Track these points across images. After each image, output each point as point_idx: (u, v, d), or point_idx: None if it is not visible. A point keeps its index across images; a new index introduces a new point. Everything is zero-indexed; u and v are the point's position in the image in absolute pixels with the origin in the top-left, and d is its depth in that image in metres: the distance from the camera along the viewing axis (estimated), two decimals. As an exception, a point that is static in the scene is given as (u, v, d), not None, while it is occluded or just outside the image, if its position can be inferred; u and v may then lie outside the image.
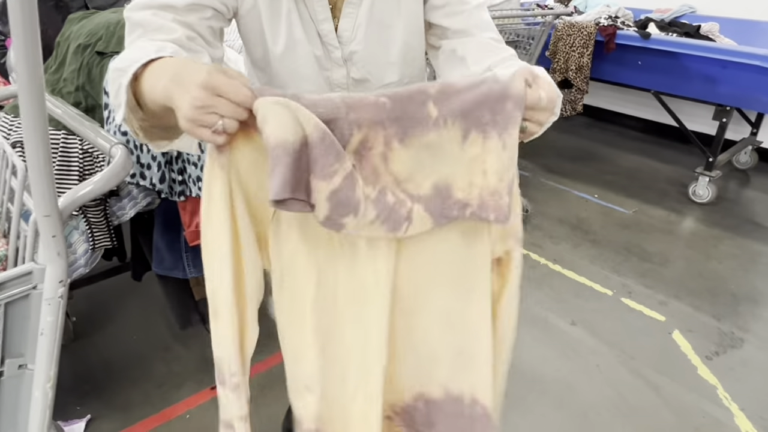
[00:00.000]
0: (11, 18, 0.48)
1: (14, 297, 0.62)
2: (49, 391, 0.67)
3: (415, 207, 0.68)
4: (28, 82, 0.51)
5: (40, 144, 0.55)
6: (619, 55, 2.94)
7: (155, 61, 0.63)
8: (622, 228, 2.73)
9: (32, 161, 0.55)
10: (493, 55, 0.89)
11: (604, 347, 1.94)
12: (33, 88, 0.52)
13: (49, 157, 0.56)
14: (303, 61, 0.91)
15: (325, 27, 0.89)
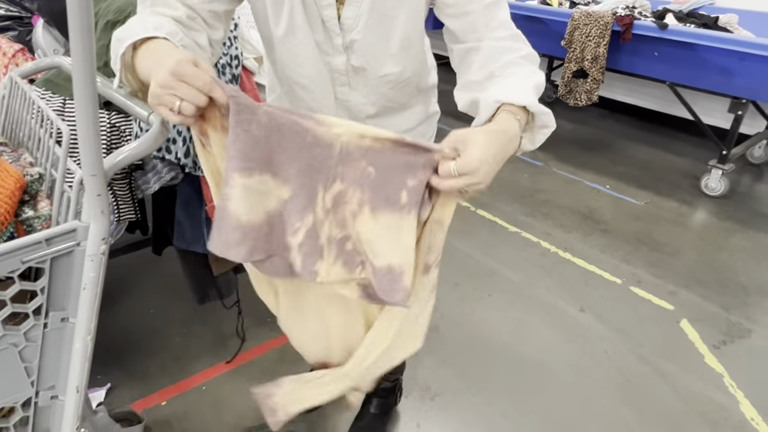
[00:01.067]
0: None
1: (60, 253, 0.66)
2: (89, 343, 0.71)
3: (367, 266, 0.76)
4: (81, 48, 0.54)
5: (90, 108, 0.58)
6: (635, 45, 2.93)
7: (150, 40, 0.70)
8: (634, 219, 2.74)
9: (82, 124, 0.59)
10: (498, 59, 0.86)
11: (612, 334, 1.96)
12: (85, 55, 0.55)
13: (97, 120, 0.60)
14: (303, 46, 0.93)
15: (328, 13, 0.90)
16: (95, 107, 0.59)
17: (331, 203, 0.73)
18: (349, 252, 0.75)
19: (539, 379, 1.76)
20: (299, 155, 0.69)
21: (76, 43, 0.54)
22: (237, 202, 0.66)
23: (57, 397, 0.74)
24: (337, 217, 0.74)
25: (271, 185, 0.70)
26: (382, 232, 0.73)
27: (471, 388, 1.72)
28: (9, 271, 0.63)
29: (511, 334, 1.95)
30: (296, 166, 0.69)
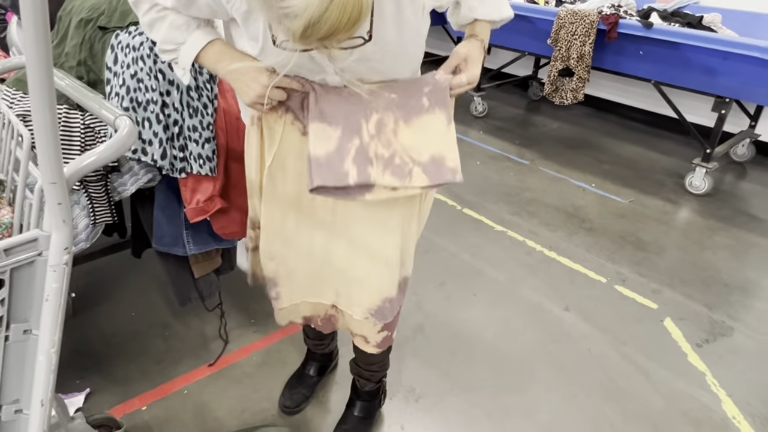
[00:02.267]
0: None
1: (20, 263, 0.63)
2: (53, 356, 0.69)
3: (414, 168, 0.96)
4: (36, 49, 0.52)
5: (48, 112, 0.56)
6: (620, 44, 2.94)
7: (207, 46, 0.93)
8: (618, 217, 2.75)
9: (39, 129, 0.57)
10: None
11: (596, 333, 1.97)
12: (41, 56, 0.53)
13: (56, 125, 0.58)
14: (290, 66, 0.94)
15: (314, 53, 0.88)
16: (53, 110, 0.56)
17: (374, 130, 0.95)
18: (398, 165, 0.96)
19: (523, 378, 1.76)
20: (342, 104, 0.94)
21: (31, 41, 0.52)
22: (313, 143, 0.94)
23: (21, 411, 0.72)
24: (382, 139, 0.95)
25: (328, 131, 0.94)
26: (417, 134, 0.96)
27: (455, 388, 1.71)
28: (-34, 282, 0.60)
29: (496, 334, 1.95)
30: (342, 111, 0.94)
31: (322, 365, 1.68)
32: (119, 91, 1.17)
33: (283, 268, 1.20)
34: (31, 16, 0.50)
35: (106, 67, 1.20)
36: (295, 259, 1.18)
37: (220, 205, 1.33)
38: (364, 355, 1.45)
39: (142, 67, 1.17)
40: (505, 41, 3.63)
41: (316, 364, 1.67)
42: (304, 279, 1.21)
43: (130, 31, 1.18)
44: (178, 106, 1.20)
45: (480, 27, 1.07)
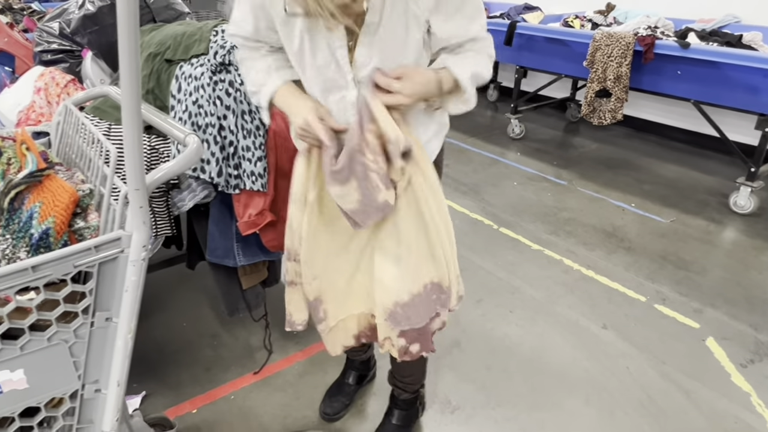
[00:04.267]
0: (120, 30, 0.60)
1: (106, 258, 0.74)
2: (129, 341, 0.79)
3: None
4: (129, 80, 0.63)
5: (136, 131, 0.67)
6: (658, 65, 2.95)
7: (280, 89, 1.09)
8: (659, 237, 2.73)
9: (128, 144, 0.68)
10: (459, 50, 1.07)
11: (634, 351, 1.95)
12: (133, 85, 0.64)
13: (141, 142, 0.69)
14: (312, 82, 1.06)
15: (341, 53, 0.99)
16: (140, 130, 0.67)
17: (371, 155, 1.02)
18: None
19: (560, 395, 1.77)
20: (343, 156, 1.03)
21: (125, 76, 0.63)
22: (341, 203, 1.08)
23: (100, 390, 0.82)
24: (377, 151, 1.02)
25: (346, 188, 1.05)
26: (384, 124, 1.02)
27: (491, 402, 1.74)
28: (63, 274, 0.71)
29: (533, 350, 1.96)
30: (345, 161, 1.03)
31: (360, 374, 1.74)
32: (182, 116, 1.30)
33: (326, 283, 1.24)
34: (127, 53, 0.61)
35: (170, 95, 1.34)
36: (335, 273, 1.24)
37: (270, 219, 1.44)
38: (398, 366, 1.51)
39: (203, 95, 1.30)
40: (541, 64, 3.69)
41: (355, 372, 1.74)
42: (344, 291, 1.27)
43: (192, 63, 1.33)
44: (233, 129, 1.32)
45: (446, 73, 1.04)
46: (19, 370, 0.74)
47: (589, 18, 3.55)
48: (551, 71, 3.65)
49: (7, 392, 0.74)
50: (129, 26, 0.59)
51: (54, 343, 0.75)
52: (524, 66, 3.84)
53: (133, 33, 0.60)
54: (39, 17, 3.24)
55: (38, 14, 3.47)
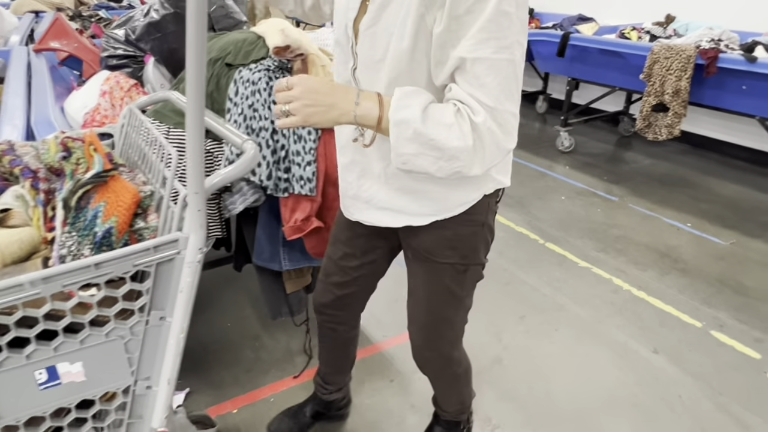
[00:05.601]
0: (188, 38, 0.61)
1: (164, 259, 0.76)
2: (181, 340, 0.81)
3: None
4: (194, 84, 0.65)
5: (199, 136, 0.69)
6: (720, 79, 2.82)
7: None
8: (717, 259, 2.59)
9: (190, 149, 0.69)
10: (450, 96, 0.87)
11: (688, 379, 1.86)
12: (197, 90, 0.66)
13: (202, 147, 0.70)
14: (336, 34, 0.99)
15: (350, 16, 0.92)
16: (202, 136, 0.69)
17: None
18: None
19: (606, 420, 1.70)
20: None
21: (191, 82, 0.65)
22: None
23: (151, 387, 0.84)
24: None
25: None
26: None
27: (533, 423, 1.69)
28: (123, 272, 0.74)
29: (578, 371, 1.90)
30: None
31: (317, 410, 1.63)
32: (237, 119, 1.33)
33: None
34: (193, 61, 0.63)
35: (228, 99, 1.38)
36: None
37: (316, 225, 1.45)
38: (437, 394, 1.47)
39: (258, 99, 1.33)
40: (595, 76, 3.60)
41: (314, 407, 1.63)
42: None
43: (251, 68, 1.36)
44: (285, 133, 1.35)
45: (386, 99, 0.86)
46: (78, 363, 0.77)
47: (647, 30, 3.43)
48: (605, 84, 3.55)
49: (66, 384, 0.77)
50: (197, 34, 0.61)
51: (111, 339, 0.77)
52: (576, 78, 3.75)
53: (201, 41, 0.62)
54: (106, 24, 3.41)
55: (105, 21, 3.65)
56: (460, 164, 0.85)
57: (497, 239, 2.76)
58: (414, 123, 0.82)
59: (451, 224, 1.05)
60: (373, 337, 2.07)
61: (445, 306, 1.18)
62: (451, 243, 1.08)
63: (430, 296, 1.17)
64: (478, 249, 1.11)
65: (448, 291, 1.14)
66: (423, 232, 1.08)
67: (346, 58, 0.96)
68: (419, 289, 1.18)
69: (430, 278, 1.14)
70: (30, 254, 0.82)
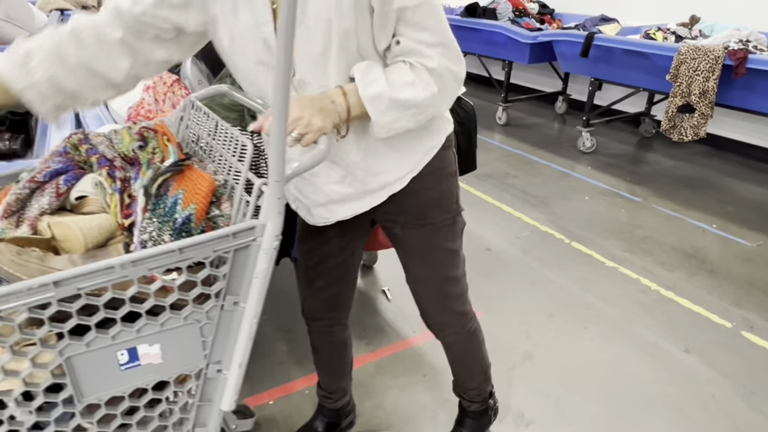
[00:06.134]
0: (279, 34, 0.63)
1: (241, 245, 0.78)
2: (254, 325, 0.83)
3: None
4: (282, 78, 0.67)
5: (282, 127, 0.71)
6: (749, 80, 2.81)
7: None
8: (744, 261, 2.58)
9: (274, 139, 0.72)
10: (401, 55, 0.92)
11: (720, 379, 1.86)
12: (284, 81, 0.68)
13: (285, 138, 0.73)
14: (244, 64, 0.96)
15: (267, 30, 0.90)
16: (286, 127, 0.71)
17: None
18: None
19: (640, 418, 1.70)
20: None
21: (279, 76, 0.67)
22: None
23: (221, 371, 0.86)
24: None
25: None
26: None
27: (565, 419, 1.70)
28: (204, 257, 0.76)
29: (609, 369, 1.90)
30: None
31: (330, 421, 1.59)
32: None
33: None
34: (282, 56, 0.65)
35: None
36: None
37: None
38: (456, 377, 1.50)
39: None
40: (619, 77, 3.59)
41: (325, 419, 1.59)
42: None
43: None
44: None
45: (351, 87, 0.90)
46: (156, 345, 0.79)
47: (672, 30, 3.42)
48: (629, 84, 3.55)
49: (145, 365, 0.80)
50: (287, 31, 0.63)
51: (188, 323, 0.80)
52: (600, 78, 3.75)
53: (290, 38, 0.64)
54: None
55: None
56: (433, 109, 0.95)
57: (522, 238, 2.78)
58: (386, 93, 0.89)
59: (431, 183, 1.12)
60: (402, 332, 2.09)
61: (446, 265, 1.23)
62: (437, 201, 1.15)
63: (431, 262, 1.21)
64: (457, 198, 1.20)
65: (445, 250, 1.20)
66: (409, 200, 1.13)
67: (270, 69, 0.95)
68: (417, 260, 1.22)
69: (425, 245, 1.19)
70: (107, 240, 0.85)
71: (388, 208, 1.14)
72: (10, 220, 0.86)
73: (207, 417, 0.90)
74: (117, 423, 0.81)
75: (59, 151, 0.91)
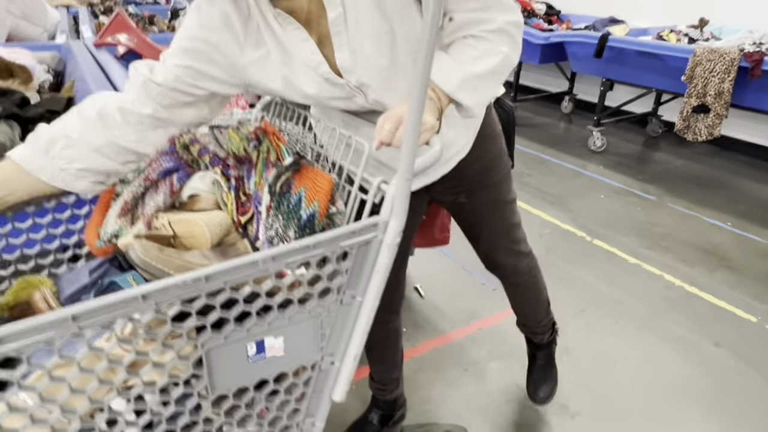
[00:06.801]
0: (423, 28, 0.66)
1: (364, 242, 0.81)
2: (371, 318, 0.86)
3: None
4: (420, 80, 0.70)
5: (416, 126, 0.74)
6: (764, 82, 2.89)
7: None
8: (761, 257, 2.66)
9: (408, 137, 0.75)
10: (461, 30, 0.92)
11: (751, 371, 1.92)
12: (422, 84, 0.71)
13: (418, 137, 0.76)
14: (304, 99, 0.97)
15: (324, 70, 0.91)
16: (419, 126, 0.74)
17: None
18: None
19: (678, 409, 1.76)
20: None
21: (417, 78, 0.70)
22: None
23: (334, 363, 0.89)
24: None
25: None
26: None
27: (609, 411, 1.75)
28: (331, 252, 0.79)
29: (644, 362, 1.96)
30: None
31: (384, 413, 1.63)
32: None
33: None
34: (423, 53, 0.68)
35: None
36: None
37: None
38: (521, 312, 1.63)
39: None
40: (631, 77, 3.66)
41: (379, 412, 1.62)
42: None
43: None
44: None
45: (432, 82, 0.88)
46: (280, 338, 0.82)
47: (685, 32, 3.50)
48: (641, 85, 3.62)
49: (269, 357, 0.82)
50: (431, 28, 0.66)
51: (312, 316, 0.82)
52: (612, 79, 3.82)
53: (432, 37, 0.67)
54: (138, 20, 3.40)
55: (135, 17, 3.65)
56: (510, 66, 0.94)
57: (544, 235, 2.83)
58: (468, 76, 0.89)
59: (487, 146, 1.21)
60: (439, 327, 2.13)
61: (510, 214, 1.35)
62: (495, 161, 1.24)
63: (497, 216, 1.33)
64: (506, 151, 1.30)
65: (507, 202, 1.32)
66: (470, 167, 1.19)
67: (349, 102, 0.96)
68: (487, 218, 1.32)
69: (491, 203, 1.29)
70: (224, 237, 0.87)
71: (449, 179, 1.19)
72: (126, 218, 0.88)
73: (316, 408, 0.92)
74: (241, 414, 0.84)
75: (166, 150, 0.93)
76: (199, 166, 0.94)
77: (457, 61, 0.89)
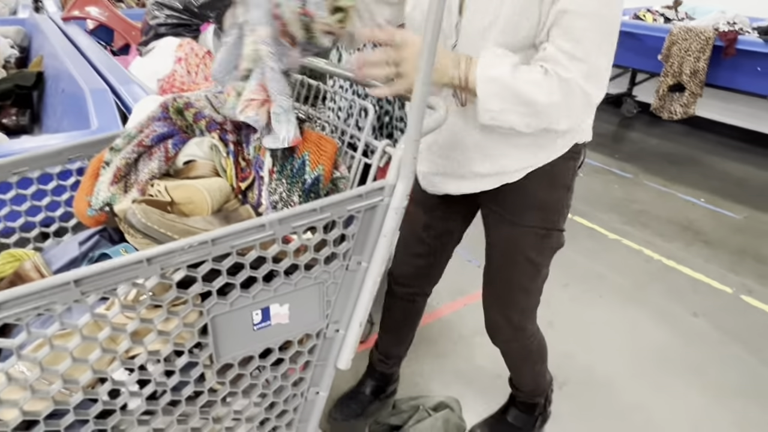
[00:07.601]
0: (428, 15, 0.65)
1: (371, 205, 0.80)
2: (377, 284, 0.85)
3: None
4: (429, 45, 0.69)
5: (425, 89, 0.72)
6: (737, 60, 2.96)
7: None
8: (735, 231, 2.75)
9: (416, 99, 0.73)
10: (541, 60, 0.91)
11: (729, 339, 1.99)
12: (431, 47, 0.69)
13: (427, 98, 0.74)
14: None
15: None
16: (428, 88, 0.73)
17: None
18: None
19: (663, 378, 1.81)
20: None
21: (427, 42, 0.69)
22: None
23: (339, 330, 0.88)
24: None
25: None
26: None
27: (595, 379, 1.79)
28: (338, 216, 0.77)
29: (627, 333, 2.01)
30: None
31: (378, 385, 1.63)
32: (343, 84, 1.36)
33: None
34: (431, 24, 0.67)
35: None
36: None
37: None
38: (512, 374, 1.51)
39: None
40: (608, 58, 3.70)
41: (373, 383, 1.62)
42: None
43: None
44: (390, 99, 1.38)
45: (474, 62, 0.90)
46: (286, 305, 0.80)
47: (660, 12, 3.55)
48: (618, 65, 3.67)
49: (275, 325, 0.81)
50: None
51: (317, 282, 0.81)
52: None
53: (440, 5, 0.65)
54: None
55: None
56: (548, 120, 0.89)
57: (527, 213, 2.85)
58: (502, 79, 0.86)
59: (538, 186, 1.07)
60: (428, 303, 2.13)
61: (522, 274, 1.18)
62: (536, 205, 1.09)
63: (509, 262, 1.18)
64: (561, 214, 1.14)
65: (526, 258, 1.15)
66: (511, 193, 1.08)
67: (445, 36, 0.97)
68: (498, 254, 1.20)
69: (510, 243, 1.15)
70: (224, 203, 0.84)
71: (490, 195, 1.11)
72: (119, 185, 0.84)
73: (320, 377, 0.91)
74: (246, 383, 0.82)
75: (157, 116, 0.90)
76: (194, 132, 0.90)
77: (514, 69, 0.88)
